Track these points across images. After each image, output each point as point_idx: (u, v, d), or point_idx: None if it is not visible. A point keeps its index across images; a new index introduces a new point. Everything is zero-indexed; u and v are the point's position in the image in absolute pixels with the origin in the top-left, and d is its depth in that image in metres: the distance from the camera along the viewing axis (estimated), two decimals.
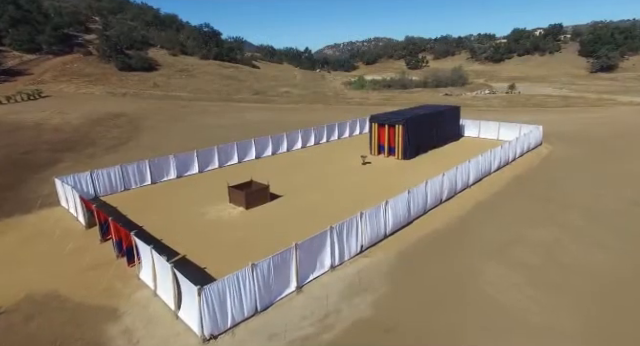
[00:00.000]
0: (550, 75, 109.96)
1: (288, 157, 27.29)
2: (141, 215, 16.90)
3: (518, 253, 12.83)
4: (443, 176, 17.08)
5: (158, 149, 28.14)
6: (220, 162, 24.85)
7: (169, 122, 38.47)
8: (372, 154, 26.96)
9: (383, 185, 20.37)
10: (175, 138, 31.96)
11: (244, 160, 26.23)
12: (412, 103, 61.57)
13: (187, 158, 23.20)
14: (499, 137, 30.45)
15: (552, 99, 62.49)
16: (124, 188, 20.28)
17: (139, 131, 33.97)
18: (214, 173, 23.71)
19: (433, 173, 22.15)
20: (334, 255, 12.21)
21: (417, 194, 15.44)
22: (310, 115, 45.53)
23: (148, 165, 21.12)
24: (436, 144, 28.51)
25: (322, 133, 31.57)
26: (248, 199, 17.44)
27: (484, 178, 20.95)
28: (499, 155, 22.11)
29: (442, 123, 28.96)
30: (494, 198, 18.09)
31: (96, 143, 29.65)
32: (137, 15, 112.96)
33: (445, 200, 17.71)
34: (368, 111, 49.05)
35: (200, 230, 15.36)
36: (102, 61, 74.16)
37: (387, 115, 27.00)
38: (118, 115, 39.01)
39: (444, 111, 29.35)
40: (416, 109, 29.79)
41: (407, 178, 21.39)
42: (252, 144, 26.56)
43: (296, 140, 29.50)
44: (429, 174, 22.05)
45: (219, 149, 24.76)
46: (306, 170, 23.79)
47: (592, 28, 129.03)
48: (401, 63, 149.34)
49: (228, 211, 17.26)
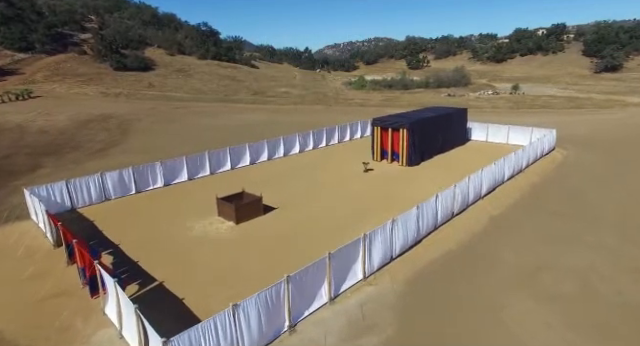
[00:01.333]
0: (553, 75, 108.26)
1: (285, 163, 25.59)
2: (120, 230, 15.19)
3: (547, 282, 11.11)
4: (455, 188, 15.35)
5: (147, 154, 26.49)
6: (212, 169, 23.15)
7: (162, 124, 36.79)
8: (374, 160, 25.28)
9: (387, 195, 18.67)
10: (167, 141, 30.27)
11: (237, 166, 24.52)
12: (414, 104, 59.88)
13: (175, 165, 21.50)
14: (508, 141, 28.79)
15: (558, 100, 60.79)
16: (105, 198, 18.57)
17: (129, 134, 32.26)
18: (204, 181, 22.00)
19: (440, 181, 20.54)
20: (333, 285, 10.52)
21: (427, 209, 13.74)
22: (309, 116, 43.83)
23: (132, 173, 19.41)
24: (442, 149, 26.82)
25: (321, 136, 29.87)
26: (238, 213, 15.73)
27: (497, 188, 19.23)
28: (513, 162, 20.40)
29: (449, 127, 27.26)
30: (510, 212, 16.36)
31: (81, 147, 27.95)
32: (135, 14, 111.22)
33: (456, 214, 15.98)
34: (369, 112, 47.39)
35: (183, 249, 13.66)
36: (97, 61, 72.47)
37: (391, 118, 25.30)
38: (108, 117, 37.32)
39: (451, 114, 27.66)
40: (421, 112, 28.09)
41: (413, 187, 19.71)
42: (246, 149, 24.86)
43: (293, 144, 27.80)
44: (436, 182, 20.44)
45: (210, 155, 23.06)
46: (304, 177, 22.09)
47: (596, 28, 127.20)
48: (402, 63, 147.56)
49: (216, 226, 15.55)
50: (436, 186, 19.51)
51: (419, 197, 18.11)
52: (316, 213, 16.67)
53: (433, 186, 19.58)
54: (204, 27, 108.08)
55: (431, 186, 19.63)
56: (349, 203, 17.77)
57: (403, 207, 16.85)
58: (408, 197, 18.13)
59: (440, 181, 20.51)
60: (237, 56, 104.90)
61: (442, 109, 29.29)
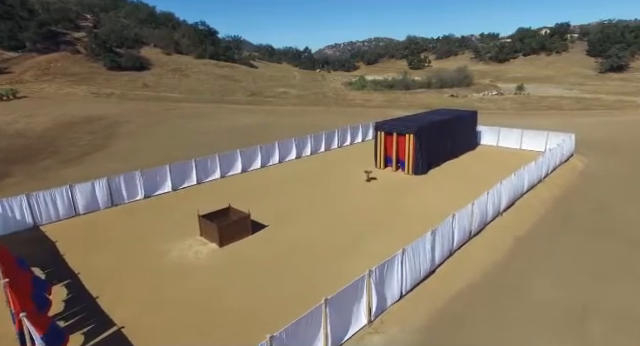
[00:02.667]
0: (558, 75, 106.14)
1: (279, 170, 23.48)
2: (84, 254, 13.09)
3: (599, 330, 9.00)
4: (473, 206, 13.22)
5: (131, 160, 24.41)
6: (198, 178, 21.03)
7: (152, 127, 34.67)
8: (377, 167, 23.16)
9: (393, 210, 16.55)
10: (154, 146, 28.16)
11: (228, 174, 22.41)
12: (416, 105, 57.76)
13: (157, 174, 19.38)
14: (522, 146, 26.67)
15: (566, 101, 58.64)
16: (74, 213, 16.45)
17: (114, 138, 30.15)
18: (190, 192, 19.88)
19: (452, 193, 18.44)
20: (331, 337, 8.40)
21: (443, 234, 11.61)
22: (308, 118, 41.71)
23: (106, 185, 17.29)
24: (451, 155, 24.71)
25: (320, 141, 27.74)
26: (222, 234, 13.61)
27: (516, 201, 17.11)
28: (534, 172, 18.27)
29: (458, 131, 25.14)
30: (537, 231, 14.25)
31: (60, 152, 25.84)
32: (131, 13, 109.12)
33: (474, 234, 13.86)
34: (371, 114, 45.30)
35: (154, 281, 11.54)
36: (90, 60, 70.34)
37: (395, 122, 23.19)
38: (95, 118, 35.21)
39: (460, 117, 25.53)
40: (428, 115, 25.97)
41: (421, 200, 17.59)
42: (237, 156, 22.73)
43: (290, 150, 25.67)
44: (447, 193, 18.33)
45: (198, 163, 20.94)
46: (299, 188, 19.98)
47: (600, 27, 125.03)
48: (403, 63, 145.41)
49: (196, 249, 13.43)
50: (447, 199, 17.47)
51: (429, 212, 16.06)
52: (312, 233, 14.55)
53: (444, 199, 17.53)
54: (202, 26, 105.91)
55: (441, 199, 17.56)
56: (349, 220, 15.66)
57: (411, 225, 14.77)
58: (416, 213, 16.03)
59: (451, 192, 18.44)
60: (235, 56, 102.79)
61: (451, 112, 27.16)
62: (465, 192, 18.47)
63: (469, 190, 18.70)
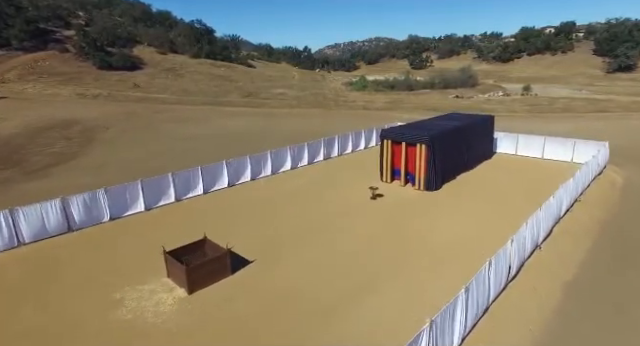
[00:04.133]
0: (564, 76, 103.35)
1: (271, 185, 20.59)
2: (9, 306, 10.23)
3: None
4: (511, 244, 10.31)
5: (104, 172, 21.57)
6: (177, 194, 18.14)
7: (135, 131, 31.78)
8: (384, 180, 20.29)
9: (407, 240, 13.67)
10: (134, 155, 25.27)
11: (212, 189, 19.52)
12: (421, 106, 54.85)
13: (128, 191, 16.49)
14: (544, 156, 23.79)
15: (578, 103, 55.79)
16: (17, 243, 13.57)
17: (91, 144, 27.26)
18: (165, 212, 16.99)
19: (473, 214, 15.55)
20: None
21: (477, 289, 8.71)
22: (306, 122, 38.83)
23: (59, 207, 14.38)
24: (466, 167, 21.84)
25: (318, 149, 24.84)
26: (192, 278, 10.72)
27: (553, 227, 14.22)
28: (571, 191, 15.38)
29: (474, 139, 22.27)
30: (589, 274, 11.34)
31: (25, 162, 22.96)
32: (126, 11, 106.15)
33: (510, 279, 10.96)
34: (373, 117, 42.39)
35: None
36: (79, 59, 67.46)
37: (404, 130, 20.28)
38: (73, 122, 32.31)
39: (476, 123, 22.65)
40: (439, 120, 23.06)
41: (439, 225, 14.73)
42: (223, 168, 19.83)
43: (284, 160, 22.78)
44: (468, 216, 15.44)
45: (176, 177, 18.05)
46: (293, 208, 17.09)
47: (607, 26, 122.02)
48: (404, 63, 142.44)
49: (158, 298, 10.54)
50: (469, 223, 14.58)
51: (450, 243, 13.16)
52: (307, 274, 11.67)
53: (465, 223, 14.65)
54: (198, 24, 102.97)
55: (463, 223, 14.69)
56: (354, 256, 12.77)
57: (432, 265, 11.89)
58: (436, 244, 13.15)
59: (473, 215, 15.56)
60: (233, 55, 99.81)
61: (464, 117, 24.25)
62: (489, 214, 15.63)
63: (493, 211, 15.88)
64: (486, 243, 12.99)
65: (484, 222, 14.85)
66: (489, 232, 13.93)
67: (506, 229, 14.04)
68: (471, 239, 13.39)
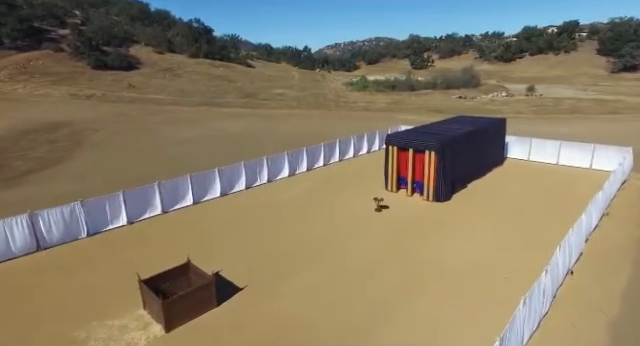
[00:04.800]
0: (567, 76, 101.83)
1: (267, 194, 19.07)
2: None
3: None
4: (545, 275, 8.77)
5: (89, 179, 20.08)
6: (164, 206, 16.62)
7: (126, 134, 30.24)
8: (389, 190, 18.77)
9: (417, 261, 12.16)
10: (122, 160, 23.76)
11: (203, 199, 18.00)
12: (424, 108, 53.30)
13: (109, 203, 14.99)
14: (559, 161, 22.27)
15: (585, 103, 54.29)
16: None
17: (78, 149, 25.73)
18: (149, 226, 15.47)
19: (489, 229, 13.95)
20: None
21: (511, 336, 7.17)
22: (306, 124, 37.31)
23: (26, 223, 12.85)
24: (477, 174, 20.32)
25: (318, 154, 23.32)
26: (170, 314, 9.20)
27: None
28: (600, 205, 13.84)
29: (485, 144, 20.75)
30: (637, 307, 9.75)
31: (6, 167, 21.47)
32: (123, 10, 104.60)
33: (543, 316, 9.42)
34: (375, 118, 40.87)
35: None
36: (74, 59, 65.94)
37: (411, 135, 18.74)
38: (61, 125, 30.78)
39: (487, 127, 21.11)
40: (448, 124, 21.52)
41: (453, 243, 13.22)
42: (215, 177, 18.31)
43: (281, 166, 21.26)
44: (485, 232, 13.86)
45: (162, 187, 16.52)
46: (289, 223, 15.57)
47: (611, 25, 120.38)
48: (405, 63, 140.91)
49: (130, 337, 9.02)
50: (487, 240, 13.04)
51: (468, 265, 11.62)
52: (304, 305, 10.15)
53: (482, 240, 13.14)
54: (197, 24, 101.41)
55: (479, 241, 13.21)
56: (356, 280, 11.26)
57: (444, 290, 10.37)
58: (449, 267, 11.65)
59: (489, 230, 14.04)
60: (232, 55, 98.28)
61: (475, 120, 22.71)
62: (507, 230, 14.12)
63: (512, 226, 14.38)
64: (508, 267, 11.48)
65: (503, 240, 13.33)
66: (510, 253, 12.41)
67: (529, 249, 12.57)
68: (491, 262, 11.88)
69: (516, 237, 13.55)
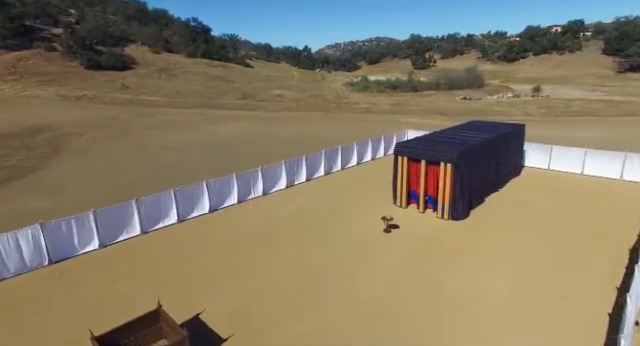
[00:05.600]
0: (573, 76, 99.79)
1: (261, 210, 17.03)
2: None
3: None
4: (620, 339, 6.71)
5: (63, 191, 18.06)
6: (143, 225, 14.58)
7: (110, 140, 28.18)
8: (398, 205, 16.73)
9: (437, 300, 10.11)
10: (104, 169, 21.73)
11: (188, 217, 15.97)
12: (428, 109, 51.24)
13: (76, 226, 12.94)
14: (584, 171, 20.23)
15: (596, 105, 52.28)
16: None
17: (57, 156, 23.69)
18: (124, 249, 13.43)
19: (520, 258, 11.45)
20: None
21: None
22: (305, 127, 35.29)
23: None
24: (494, 187, 18.28)
25: (318, 162, 21.29)
26: None
27: None
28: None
29: (505, 153, 18.72)
30: None
31: None
32: (120, 9, 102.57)
33: None
34: (378, 121, 38.85)
35: None
36: (66, 58, 63.96)
37: (423, 144, 16.64)
38: (42, 129, 28.74)
39: (507, 135, 19.04)
40: (462, 131, 19.43)
41: (478, 275, 11.18)
42: (203, 190, 16.26)
43: (277, 178, 19.22)
44: (516, 261, 11.44)
45: (142, 204, 14.47)
46: (283, 249, 13.52)
47: (616, 24, 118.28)
48: (406, 63, 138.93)
49: None
50: (519, 274, 10.86)
51: (496, 305, 9.48)
52: None
53: (514, 273, 11.07)
54: (194, 23, 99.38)
55: (508, 272, 11.14)
56: (365, 323, 9.24)
57: (476, 340, 8.34)
58: (478, 306, 9.63)
59: (517, 257, 11.97)
60: (230, 55, 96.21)
61: (491, 126, 20.63)
62: (542, 257, 12.12)
63: (545, 252, 12.39)
64: (553, 311, 9.43)
65: (539, 271, 11.30)
66: (551, 290, 10.37)
67: (573, 284, 10.53)
68: (526, 301, 9.87)
69: (552, 264, 11.56)
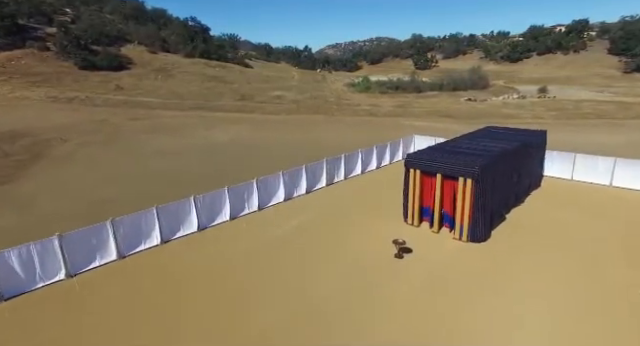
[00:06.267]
0: (579, 76, 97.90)
1: (255, 228, 15.19)
2: None
3: None
4: None
5: (35, 206, 16.25)
6: (120, 249, 12.76)
7: (98, 146, 26.35)
8: (408, 223, 14.90)
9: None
10: (87, 178, 19.90)
11: (173, 238, 14.14)
12: (433, 111, 49.36)
13: (36, 254, 11.12)
14: (613, 182, 18.37)
15: (607, 107, 50.44)
16: None
17: (35, 164, 21.87)
18: (97, 278, 11.59)
19: (560, 293, 9.24)
20: None
21: None
22: (305, 131, 33.45)
23: None
24: (515, 201, 16.44)
25: (319, 172, 19.45)
26: None
27: None
28: None
29: (527, 164, 16.88)
30: None
31: None
32: (117, 8, 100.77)
33: None
34: (383, 125, 37.02)
35: None
36: (60, 58, 62.17)
37: (438, 155, 14.75)
38: (23, 133, 26.92)
39: (529, 143, 17.15)
40: (481, 139, 17.54)
41: (516, 318, 9.30)
42: (191, 207, 14.42)
43: (274, 190, 17.39)
44: (555, 296, 9.17)
45: (119, 225, 12.64)
46: (280, 278, 11.67)
47: (622, 24, 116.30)
48: (408, 63, 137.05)
49: None
50: (562, 313, 8.99)
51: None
52: None
53: (557, 314, 9.14)
54: (192, 22, 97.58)
55: (553, 313, 9.23)
56: None
57: None
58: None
59: (557, 291, 10.10)
60: (229, 55, 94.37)
61: (509, 133, 18.71)
62: (588, 292, 10.24)
63: (585, 277, 10.49)
64: None
65: (583, 308, 9.44)
66: (602, 332, 8.51)
67: (634, 330, 8.66)
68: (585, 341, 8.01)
69: (599, 296, 9.71)
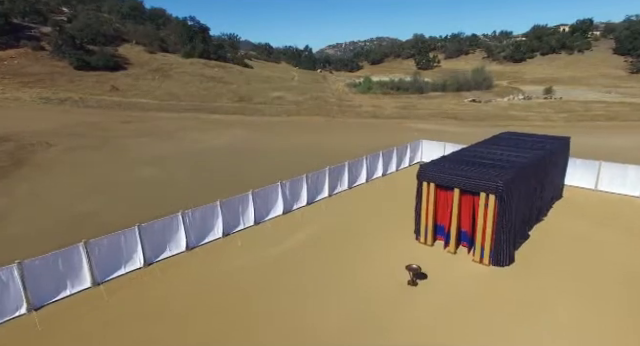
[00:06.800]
0: (584, 76, 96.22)
1: (250, 247, 13.62)
2: None
3: None
4: None
5: (8, 221, 14.67)
6: (95, 276, 11.22)
7: (86, 151, 24.79)
8: (421, 241, 13.32)
9: None
10: (68, 188, 18.36)
11: (160, 258, 12.59)
12: (437, 113, 47.76)
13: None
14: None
15: (618, 108, 48.87)
16: None
17: (15, 171, 20.32)
18: (63, 312, 10.03)
19: (601, 316, 8.19)
20: None
21: None
22: (306, 135, 31.88)
23: None
24: (538, 216, 14.86)
25: (321, 182, 17.90)
26: None
27: None
28: None
29: (551, 175, 15.30)
30: None
31: None
32: (114, 7, 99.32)
33: None
34: (386, 128, 35.45)
35: None
36: (55, 58, 60.67)
37: (455, 167, 13.13)
38: (8, 137, 25.35)
39: (552, 152, 15.54)
40: (500, 147, 15.91)
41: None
42: (179, 224, 12.86)
43: (271, 203, 15.82)
44: (595, 322, 8.08)
45: (93, 247, 11.10)
46: (276, 309, 10.12)
47: (628, 23, 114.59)
48: (410, 63, 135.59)
49: None
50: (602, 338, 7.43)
51: None
52: None
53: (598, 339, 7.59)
54: (191, 21, 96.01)
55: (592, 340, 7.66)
56: None
57: None
58: None
59: (607, 329, 8.51)
60: (229, 55, 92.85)
61: (533, 141, 16.97)
62: (630, 316, 8.62)
63: (625, 307, 8.91)
64: None
65: None
66: None
67: None
68: None
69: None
